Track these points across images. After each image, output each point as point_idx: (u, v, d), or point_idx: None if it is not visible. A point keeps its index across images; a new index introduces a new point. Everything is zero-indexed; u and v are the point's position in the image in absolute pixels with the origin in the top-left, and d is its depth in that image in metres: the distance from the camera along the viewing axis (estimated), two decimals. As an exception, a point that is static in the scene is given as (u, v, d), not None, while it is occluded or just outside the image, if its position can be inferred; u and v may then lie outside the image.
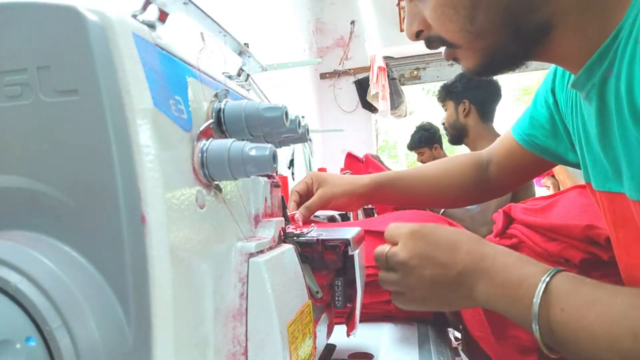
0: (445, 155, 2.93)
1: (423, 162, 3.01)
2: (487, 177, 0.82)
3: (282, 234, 0.41)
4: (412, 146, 3.05)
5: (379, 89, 3.06)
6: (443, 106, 1.90)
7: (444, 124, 1.90)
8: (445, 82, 1.92)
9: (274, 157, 0.30)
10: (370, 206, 2.41)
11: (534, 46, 0.49)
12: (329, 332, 0.52)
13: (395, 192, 0.81)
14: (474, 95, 1.76)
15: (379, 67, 3.08)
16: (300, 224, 0.67)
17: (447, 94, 1.84)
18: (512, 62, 0.52)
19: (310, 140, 0.47)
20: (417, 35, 0.54)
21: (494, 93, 1.79)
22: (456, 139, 1.87)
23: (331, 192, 0.76)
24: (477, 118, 1.77)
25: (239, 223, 0.35)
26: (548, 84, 0.66)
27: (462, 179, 0.84)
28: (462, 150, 1.97)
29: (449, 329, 0.72)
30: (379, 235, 0.71)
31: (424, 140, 2.97)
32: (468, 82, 1.76)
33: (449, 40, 0.51)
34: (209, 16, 0.38)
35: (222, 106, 0.34)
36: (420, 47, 3.34)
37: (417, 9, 0.53)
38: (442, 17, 0.49)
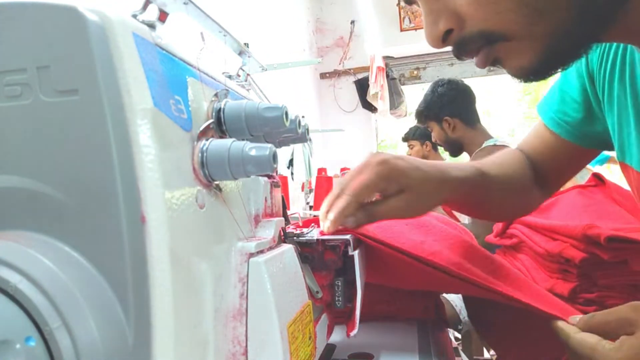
0: (438, 156, 2.96)
1: (410, 155, 3.04)
2: (534, 180, 0.67)
3: (282, 234, 0.41)
4: (405, 138, 3.09)
5: (378, 88, 3.06)
6: (427, 127, 1.91)
7: (435, 141, 1.91)
8: (417, 107, 1.92)
9: (274, 157, 0.30)
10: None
11: (606, 23, 0.39)
12: (329, 332, 0.52)
13: (483, 195, 0.58)
14: (451, 109, 1.77)
15: (378, 67, 3.08)
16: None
17: (426, 117, 1.85)
18: (578, 50, 0.40)
19: (310, 140, 0.47)
20: (444, 39, 0.41)
21: (467, 96, 1.77)
22: (455, 152, 1.88)
23: (419, 204, 0.50)
24: (464, 127, 1.79)
25: (239, 223, 0.35)
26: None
27: (526, 182, 0.65)
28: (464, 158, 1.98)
29: (449, 329, 0.72)
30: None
31: (418, 134, 3.00)
32: (439, 99, 1.77)
33: (498, 30, 0.38)
34: (209, 16, 0.38)
35: (222, 106, 0.34)
36: (420, 47, 3.35)
37: (441, 3, 0.40)
38: None
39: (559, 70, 0.41)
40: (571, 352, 0.42)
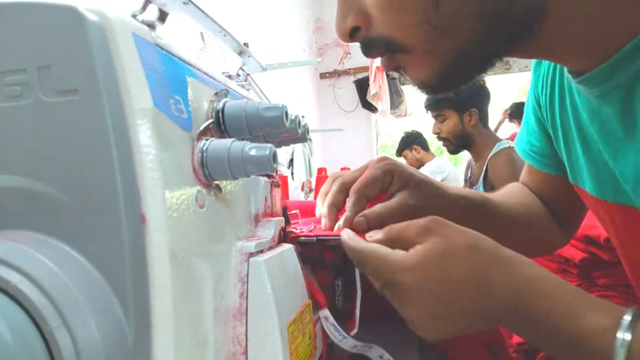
0: (430, 154, 3.04)
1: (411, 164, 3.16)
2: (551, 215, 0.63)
3: (282, 233, 0.41)
4: (398, 152, 3.23)
5: (377, 88, 3.07)
6: (437, 116, 1.77)
7: (438, 134, 1.78)
8: None
9: (274, 157, 0.30)
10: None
11: (516, 42, 0.37)
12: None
13: (486, 220, 0.55)
14: (479, 102, 1.66)
15: (377, 67, 3.08)
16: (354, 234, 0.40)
17: (449, 102, 1.70)
18: (481, 67, 0.38)
19: (310, 140, 0.47)
20: (352, 35, 0.39)
21: (488, 95, 1.72)
22: (459, 147, 1.78)
23: (423, 205, 0.47)
24: (480, 126, 1.70)
25: (239, 223, 0.35)
26: (532, 78, 0.57)
27: (537, 214, 0.62)
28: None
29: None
30: None
31: (404, 145, 3.11)
32: (478, 88, 1.65)
33: (399, 41, 0.37)
34: (208, 16, 0.38)
35: (222, 106, 0.34)
36: (420, 46, 3.35)
37: None
38: (394, 5, 0.35)
39: (461, 86, 0.40)
40: (361, 267, 0.38)
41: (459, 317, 0.35)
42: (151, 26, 0.29)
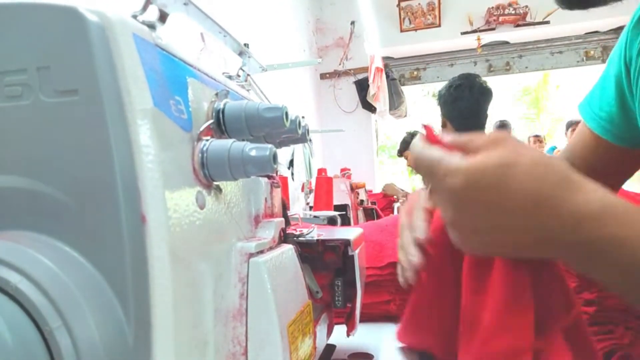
0: None
1: (410, 166, 3.22)
2: None
3: (282, 234, 0.41)
4: (399, 153, 3.26)
5: (376, 89, 3.07)
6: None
7: None
8: (440, 90, 1.96)
9: (274, 158, 0.30)
10: (370, 204, 2.45)
11: None
12: (329, 332, 0.52)
13: None
14: (445, 111, 1.84)
15: (377, 68, 3.08)
16: None
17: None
18: None
19: (310, 140, 0.47)
20: None
21: (461, 108, 1.78)
22: None
23: None
24: (453, 130, 1.85)
25: (239, 223, 0.35)
26: (626, 41, 0.55)
27: None
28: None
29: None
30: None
31: (404, 145, 3.16)
32: (446, 97, 1.83)
33: None
34: (209, 17, 0.38)
35: (222, 106, 0.34)
36: (420, 47, 3.35)
37: None
38: None
39: (597, 4, 0.40)
40: (417, 169, 0.37)
41: (503, 233, 0.33)
42: (151, 27, 0.29)
